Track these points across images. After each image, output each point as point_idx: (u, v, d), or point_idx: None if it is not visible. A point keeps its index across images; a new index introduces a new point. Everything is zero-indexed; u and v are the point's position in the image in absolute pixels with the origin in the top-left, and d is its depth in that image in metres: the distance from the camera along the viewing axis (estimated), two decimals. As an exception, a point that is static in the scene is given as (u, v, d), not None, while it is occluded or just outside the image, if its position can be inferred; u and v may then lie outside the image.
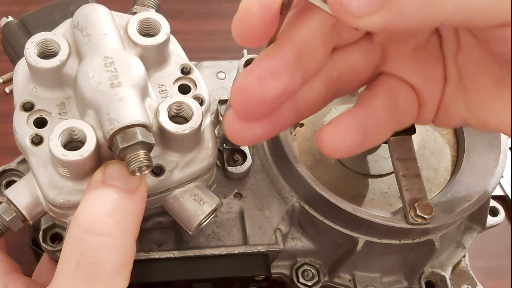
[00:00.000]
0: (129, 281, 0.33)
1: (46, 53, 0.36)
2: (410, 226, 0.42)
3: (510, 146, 0.49)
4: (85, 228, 0.32)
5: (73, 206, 0.34)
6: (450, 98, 0.33)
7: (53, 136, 0.32)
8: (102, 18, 0.36)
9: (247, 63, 0.36)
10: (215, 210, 0.38)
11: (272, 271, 0.46)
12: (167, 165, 0.36)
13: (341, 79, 0.32)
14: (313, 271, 0.48)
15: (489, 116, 0.31)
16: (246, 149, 0.47)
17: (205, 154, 0.37)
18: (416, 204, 0.41)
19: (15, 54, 0.43)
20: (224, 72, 0.52)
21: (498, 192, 0.64)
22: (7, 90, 0.42)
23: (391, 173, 0.49)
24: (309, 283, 0.48)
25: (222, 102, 0.49)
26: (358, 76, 0.33)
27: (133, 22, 0.37)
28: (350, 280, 0.49)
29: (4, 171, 0.48)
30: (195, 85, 0.39)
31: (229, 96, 0.41)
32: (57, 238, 0.45)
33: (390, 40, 0.32)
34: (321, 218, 0.45)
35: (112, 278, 0.32)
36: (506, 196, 0.64)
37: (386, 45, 0.33)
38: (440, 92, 0.33)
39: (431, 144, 0.51)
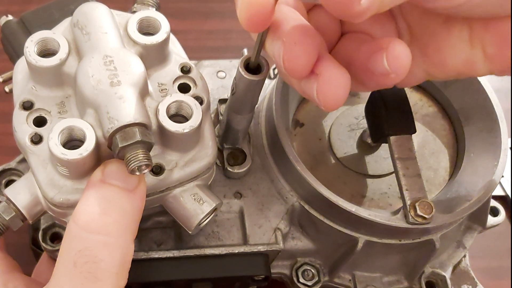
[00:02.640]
0: (127, 280, 0.33)
1: (46, 52, 0.36)
2: (410, 226, 0.42)
3: (510, 146, 0.49)
4: (83, 226, 0.32)
5: (73, 205, 0.34)
6: None
7: (53, 135, 0.32)
8: (101, 16, 0.36)
9: (247, 62, 0.36)
10: (215, 209, 0.38)
11: (272, 271, 0.46)
12: (167, 164, 0.36)
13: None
14: (313, 271, 0.48)
15: (446, 56, 0.33)
16: (246, 148, 0.47)
17: (205, 153, 0.37)
18: (416, 204, 0.41)
19: (14, 53, 0.43)
20: (224, 71, 0.52)
21: (498, 192, 0.64)
22: (6, 89, 0.42)
23: (391, 173, 0.49)
24: (309, 283, 0.48)
25: (222, 101, 0.48)
26: (329, 36, 0.35)
27: (133, 20, 0.37)
28: (350, 280, 0.49)
29: (4, 171, 0.48)
30: (195, 84, 0.39)
31: (229, 95, 0.41)
32: (57, 238, 0.45)
33: None
34: (321, 218, 0.45)
35: (110, 277, 0.32)
36: (507, 196, 0.64)
37: None
38: None
39: (430, 144, 0.51)
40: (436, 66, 0.34)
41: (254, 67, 0.36)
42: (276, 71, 0.53)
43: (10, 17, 0.44)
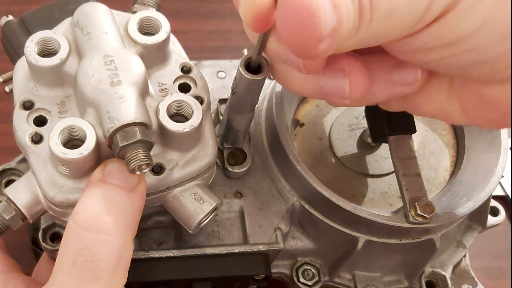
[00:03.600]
0: (126, 279, 0.33)
1: (46, 52, 0.36)
2: (410, 225, 0.42)
3: (510, 146, 0.49)
4: (82, 225, 0.32)
5: (73, 205, 0.34)
6: None
7: (53, 135, 0.32)
8: (102, 16, 0.36)
9: (247, 61, 0.36)
10: (215, 209, 0.38)
11: (272, 270, 0.46)
12: (167, 163, 0.36)
13: None
14: (313, 270, 0.48)
15: (422, 102, 0.33)
16: (246, 148, 0.47)
17: (205, 153, 0.37)
18: (416, 203, 0.41)
19: (15, 53, 0.43)
20: (224, 71, 0.52)
21: (498, 192, 0.64)
22: (7, 89, 0.42)
23: (391, 172, 0.49)
24: (309, 283, 0.48)
25: (222, 101, 0.49)
26: None
27: (133, 20, 0.37)
28: (350, 279, 0.49)
29: (4, 170, 0.48)
30: (195, 83, 0.39)
31: (229, 95, 0.41)
32: (57, 237, 0.45)
33: None
34: (322, 218, 0.45)
35: (109, 276, 0.32)
36: (507, 196, 0.64)
37: None
38: None
39: (431, 144, 0.51)
40: (411, 106, 0.34)
41: (255, 67, 0.36)
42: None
43: (10, 17, 0.44)
